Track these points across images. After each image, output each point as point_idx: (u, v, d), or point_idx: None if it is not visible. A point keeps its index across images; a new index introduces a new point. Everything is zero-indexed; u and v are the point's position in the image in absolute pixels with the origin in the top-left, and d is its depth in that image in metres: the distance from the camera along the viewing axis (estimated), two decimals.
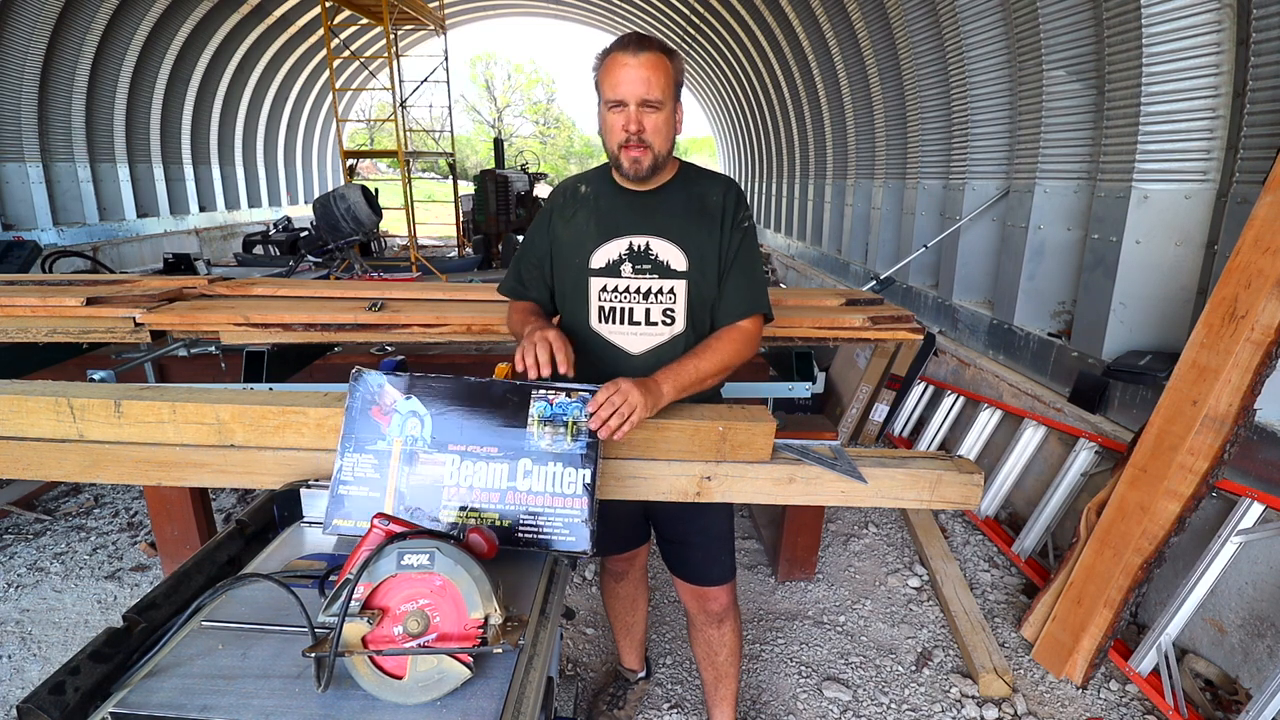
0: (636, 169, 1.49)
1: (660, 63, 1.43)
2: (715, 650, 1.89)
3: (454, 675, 0.87)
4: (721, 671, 1.92)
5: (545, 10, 18.94)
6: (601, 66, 1.46)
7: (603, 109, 1.48)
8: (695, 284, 1.56)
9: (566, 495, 1.24)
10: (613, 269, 1.56)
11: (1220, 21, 2.80)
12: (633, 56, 1.41)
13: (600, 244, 1.56)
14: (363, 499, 1.24)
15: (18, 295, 2.57)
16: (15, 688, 2.27)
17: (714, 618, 1.83)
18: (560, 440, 1.28)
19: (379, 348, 4.19)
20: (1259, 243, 2.10)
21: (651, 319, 1.57)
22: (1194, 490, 2.15)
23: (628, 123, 1.44)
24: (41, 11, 8.26)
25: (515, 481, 1.25)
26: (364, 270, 9.68)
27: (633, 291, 1.56)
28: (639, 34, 1.46)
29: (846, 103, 7.21)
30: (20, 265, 6.17)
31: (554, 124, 41.13)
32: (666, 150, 1.50)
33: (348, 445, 1.26)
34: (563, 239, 1.62)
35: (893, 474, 1.48)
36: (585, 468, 1.26)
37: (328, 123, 17.78)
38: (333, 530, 1.23)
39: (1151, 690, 2.21)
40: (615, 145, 1.48)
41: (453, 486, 1.24)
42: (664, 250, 1.55)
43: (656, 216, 1.56)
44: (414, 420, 1.28)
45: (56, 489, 3.57)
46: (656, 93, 1.42)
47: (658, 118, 1.45)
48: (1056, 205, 3.86)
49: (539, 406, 1.29)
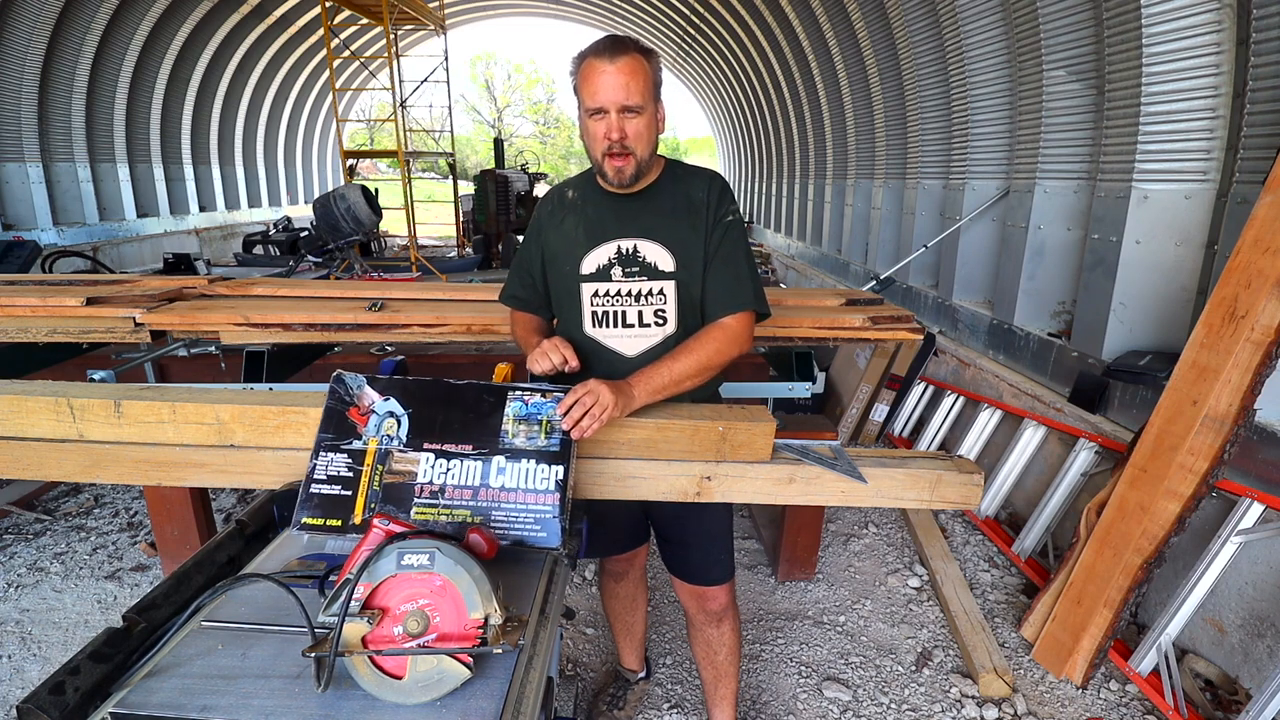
0: (620, 177, 1.49)
1: (638, 66, 1.42)
2: (714, 650, 1.89)
3: (454, 675, 0.87)
4: (721, 671, 1.92)
5: (545, 10, 18.94)
6: (579, 72, 1.45)
7: (583, 116, 1.48)
8: (684, 284, 1.56)
9: (539, 491, 1.25)
10: (603, 273, 1.56)
11: (1220, 21, 2.80)
12: (609, 63, 1.40)
13: (589, 249, 1.57)
14: (334, 497, 1.24)
15: (18, 295, 2.57)
16: (15, 688, 2.27)
17: (713, 617, 1.84)
18: (535, 438, 1.29)
19: (379, 348, 4.19)
20: (1259, 243, 2.10)
21: (644, 321, 1.57)
22: (1194, 490, 2.14)
23: (609, 130, 1.43)
24: (41, 11, 8.26)
25: (489, 479, 1.26)
26: (364, 270, 9.68)
27: (624, 295, 1.56)
28: (614, 37, 1.45)
29: (846, 103, 7.21)
30: (20, 265, 6.18)
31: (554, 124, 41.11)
32: (649, 154, 1.50)
33: (323, 445, 1.27)
34: (554, 246, 1.62)
35: (893, 474, 1.48)
36: (558, 464, 1.27)
37: (328, 123, 17.78)
38: (301, 529, 1.23)
39: (1151, 690, 2.21)
40: (599, 153, 1.48)
41: (425, 484, 1.25)
42: (651, 252, 1.55)
43: (642, 218, 1.56)
44: (391, 420, 1.29)
45: (56, 489, 3.57)
46: (636, 98, 1.42)
47: (639, 122, 1.44)
48: (1056, 205, 3.86)
49: (514, 406, 1.32)
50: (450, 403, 1.32)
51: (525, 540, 1.23)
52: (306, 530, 1.23)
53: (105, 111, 10.19)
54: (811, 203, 9.12)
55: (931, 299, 5.27)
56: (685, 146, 38.34)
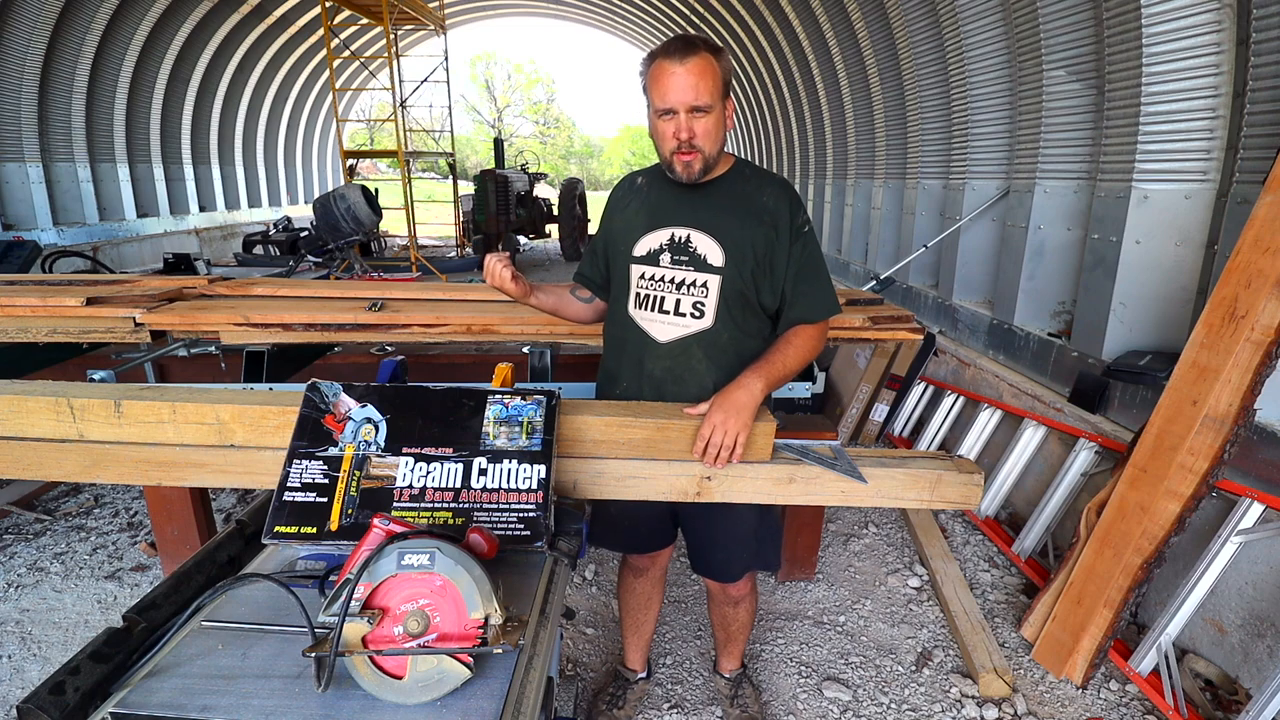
0: (689, 173, 1.53)
1: (708, 66, 1.44)
2: (730, 621, 2.07)
3: (454, 675, 0.87)
4: (733, 634, 2.11)
5: (545, 10, 18.95)
6: (649, 73, 1.48)
7: (653, 116, 1.51)
8: (730, 280, 1.57)
9: (521, 490, 1.25)
10: (652, 257, 1.60)
11: (1220, 21, 2.80)
12: (679, 64, 1.42)
13: (645, 233, 1.61)
14: (308, 504, 1.21)
15: (18, 295, 2.57)
16: (15, 688, 2.27)
17: (732, 600, 2.00)
18: (516, 439, 1.29)
19: (379, 348, 4.19)
20: (1259, 243, 2.10)
21: (680, 310, 1.60)
22: (1194, 490, 2.14)
23: (678, 130, 1.47)
24: (41, 11, 8.26)
25: (470, 480, 1.25)
26: (364, 270, 9.67)
27: (667, 281, 1.60)
28: (685, 37, 1.48)
29: (846, 103, 7.21)
30: (20, 265, 6.17)
31: (554, 124, 41.14)
32: (717, 151, 1.53)
33: (296, 452, 1.26)
34: (617, 228, 1.69)
35: (893, 474, 1.48)
36: (539, 464, 1.27)
37: (328, 123, 17.78)
38: (273, 539, 1.18)
39: (1151, 690, 2.21)
40: (668, 151, 1.52)
41: (405, 488, 1.24)
42: (703, 244, 1.58)
43: (701, 210, 1.59)
44: (368, 426, 1.29)
45: (56, 489, 3.57)
46: (705, 97, 1.44)
47: (708, 121, 1.47)
48: (1056, 205, 3.86)
49: (495, 409, 1.32)
50: (429, 408, 1.32)
51: (510, 539, 1.22)
52: (279, 539, 1.19)
53: (105, 111, 10.18)
54: (811, 203, 9.12)
55: (931, 299, 5.27)
56: None
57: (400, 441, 1.28)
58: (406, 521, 1.08)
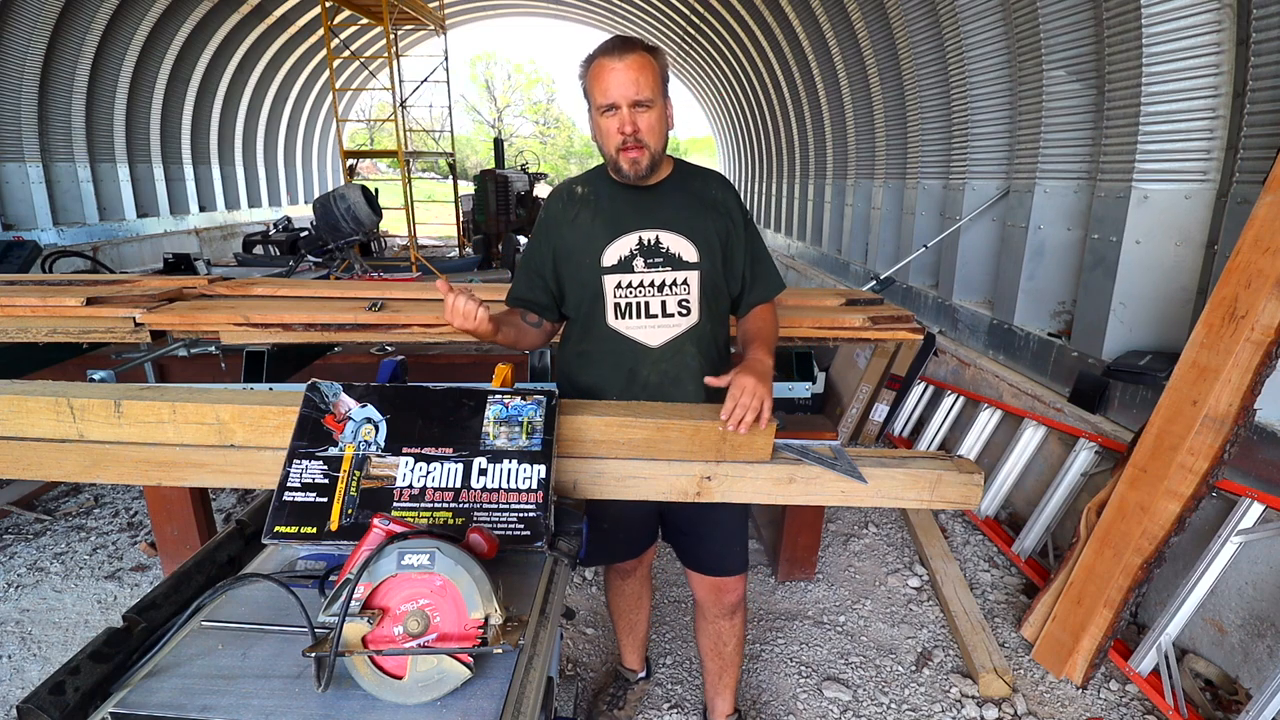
0: (636, 169, 1.52)
1: (646, 62, 1.46)
2: (724, 641, 1.91)
3: (454, 675, 0.87)
4: (727, 661, 1.95)
5: (545, 10, 18.94)
6: (589, 73, 1.49)
7: (595, 115, 1.51)
8: (707, 274, 1.60)
9: (521, 490, 1.25)
10: (625, 265, 1.58)
11: (1220, 21, 2.80)
12: (619, 60, 1.44)
13: (610, 241, 1.58)
14: (308, 504, 1.21)
15: (18, 295, 2.57)
16: (15, 688, 2.27)
17: (727, 609, 1.86)
18: (516, 439, 1.29)
19: (379, 348, 4.19)
20: (1259, 243, 2.10)
21: (668, 311, 1.60)
22: (1194, 490, 2.14)
23: (622, 125, 1.47)
24: (41, 11, 8.25)
25: (470, 480, 1.25)
26: (364, 270, 9.66)
27: (647, 285, 1.59)
28: (621, 37, 1.49)
29: (846, 103, 7.20)
30: (20, 265, 6.17)
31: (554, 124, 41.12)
32: (662, 147, 1.54)
33: (296, 452, 1.26)
34: (569, 242, 1.62)
35: (893, 474, 1.48)
36: (539, 464, 1.27)
37: (328, 123, 17.77)
38: (273, 539, 1.19)
39: (1151, 690, 2.21)
40: (613, 149, 1.51)
41: (405, 488, 1.24)
42: (674, 243, 1.58)
43: (660, 211, 1.59)
44: (368, 426, 1.29)
45: (56, 489, 3.57)
46: (647, 92, 1.45)
47: (650, 116, 1.48)
48: (1056, 205, 3.86)
49: (495, 409, 1.32)
50: (429, 408, 1.32)
51: (510, 539, 1.22)
52: (279, 539, 1.19)
53: (105, 111, 10.18)
54: (811, 203, 9.12)
55: (931, 299, 5.26)
56: (685, 146, 38.33)
57: (400, 441, 1.28)
58: (406, 521, 1.08)
